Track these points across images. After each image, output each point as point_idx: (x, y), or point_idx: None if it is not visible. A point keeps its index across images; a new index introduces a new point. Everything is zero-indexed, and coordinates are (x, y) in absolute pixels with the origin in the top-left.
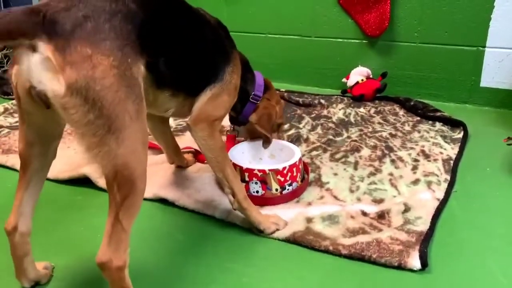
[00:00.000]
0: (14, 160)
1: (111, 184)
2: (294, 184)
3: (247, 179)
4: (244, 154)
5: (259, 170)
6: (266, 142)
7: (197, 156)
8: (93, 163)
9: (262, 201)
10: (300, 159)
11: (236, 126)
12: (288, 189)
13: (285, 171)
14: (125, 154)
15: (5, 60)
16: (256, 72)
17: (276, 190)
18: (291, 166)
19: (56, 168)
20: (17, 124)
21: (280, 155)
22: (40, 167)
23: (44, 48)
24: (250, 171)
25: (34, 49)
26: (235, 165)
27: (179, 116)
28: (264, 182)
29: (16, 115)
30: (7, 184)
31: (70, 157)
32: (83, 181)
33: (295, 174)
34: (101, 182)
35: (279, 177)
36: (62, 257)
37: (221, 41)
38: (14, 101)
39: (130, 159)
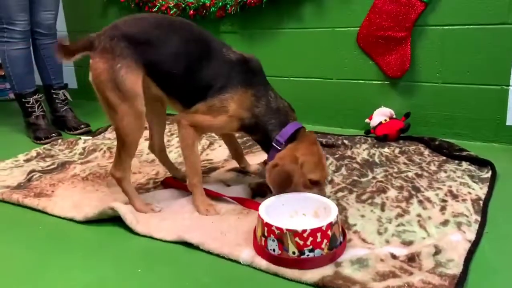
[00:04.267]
0: (45, 203)
1: (116, 136)
2: (317, 251)
3: (266, 234)
4: (284, 206)
5: (277, 228)
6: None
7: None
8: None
9: (277, 261)
10: (331, 223)
11: None
12: (308, 255)
13: (305, 234)
14: (121, 125)
15: (37, 105)
16: (294, 122)
17: (294, 253)
18: (314, 231)
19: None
20: (49, 168)
21: (323, 214)
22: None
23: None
24: (268, 226)
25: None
26: (258, 216)
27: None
28: (281, 241)
29: (48, 159)
30: (38, 226)
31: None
32: None
33: (319, 240)
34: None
35: (297, 239)
36: None
37: (223, 71)
38: (46, 146)
39: (123, 127)
